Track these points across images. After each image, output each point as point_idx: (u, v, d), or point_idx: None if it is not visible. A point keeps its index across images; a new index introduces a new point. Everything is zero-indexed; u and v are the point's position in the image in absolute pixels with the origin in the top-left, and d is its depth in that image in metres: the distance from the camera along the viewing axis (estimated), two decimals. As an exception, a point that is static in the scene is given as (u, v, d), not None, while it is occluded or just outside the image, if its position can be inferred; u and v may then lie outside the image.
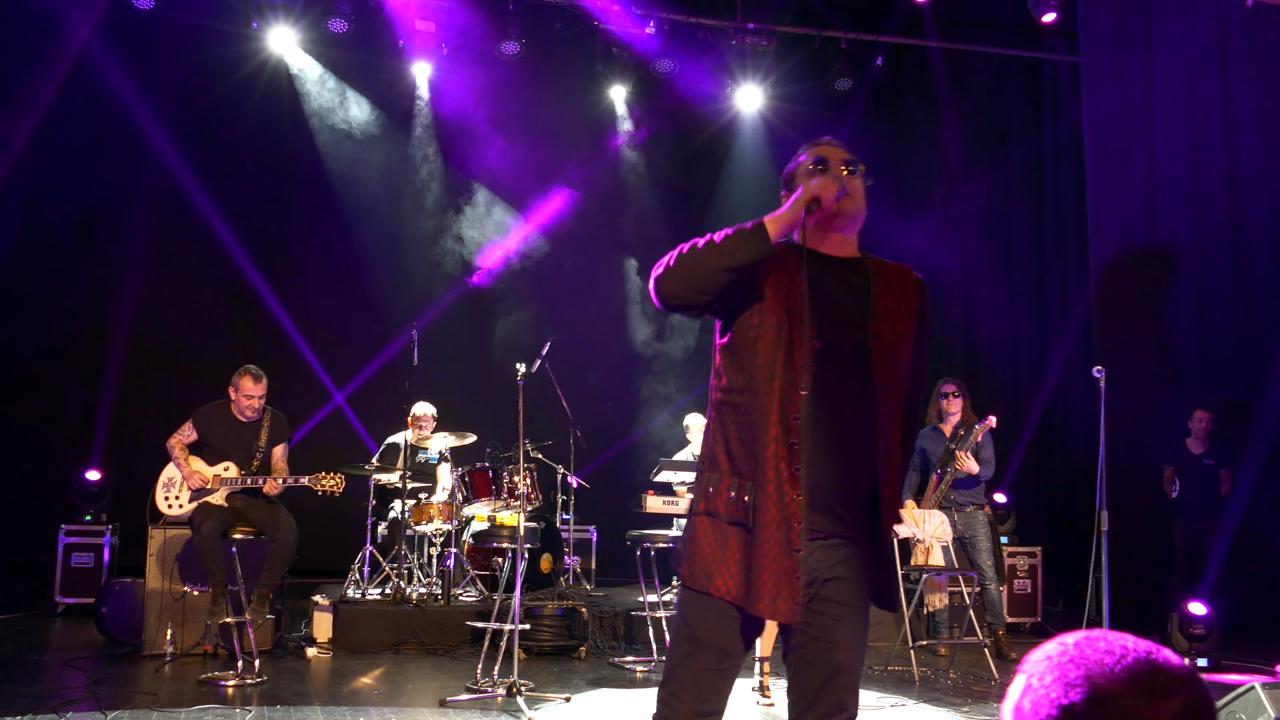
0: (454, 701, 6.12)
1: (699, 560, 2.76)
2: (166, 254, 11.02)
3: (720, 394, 2.83)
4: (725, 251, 2.67)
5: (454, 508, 8.56)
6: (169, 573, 7.35)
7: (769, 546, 2.66)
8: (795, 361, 2.72)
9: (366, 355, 11.36)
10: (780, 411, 2.70)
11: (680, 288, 2.72)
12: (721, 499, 2.76)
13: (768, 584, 2.65)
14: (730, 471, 2.76)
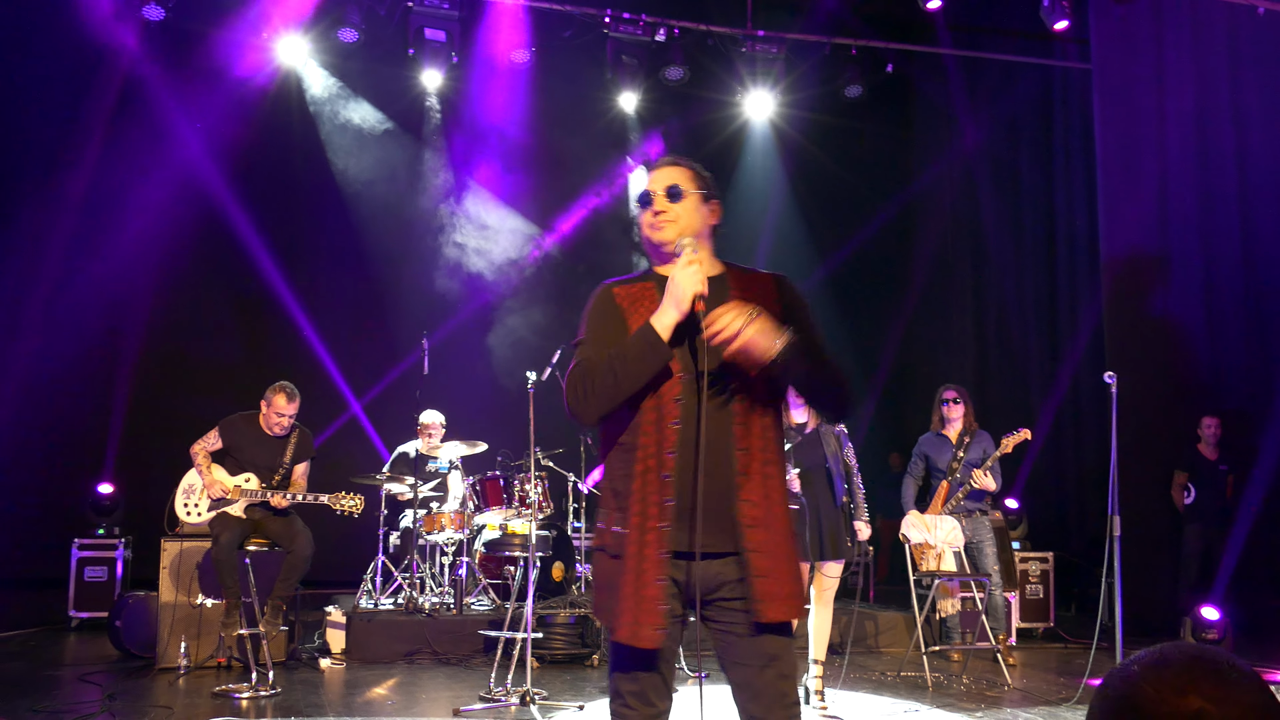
0: (468, 711, 6.13)
1: (600, 592, 2.93)
2: (178, 265, 11.07)
3: (608, 435, 2.94)
4: (637, 373, 2.81)
5: (466, 516, 8.58)
6: (183, 585, 7.37)
7: (629, 576, 2.79)
8: (664, 395, 2.84)
9: (380, 365, 11.40)
10: (655, 445, 2.83)
11: (604, 412, 2.86)
12: (608, 534, 2.89)
13: (627, 612, 2.78)
14: (614, 507, 2.89)
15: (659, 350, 2.80)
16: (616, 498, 2.89)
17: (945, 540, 7.77)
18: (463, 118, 12.11)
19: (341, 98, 11.73)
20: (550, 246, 12.21)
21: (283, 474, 7.36)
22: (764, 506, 2.87)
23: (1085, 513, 11.44)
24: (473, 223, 11.99)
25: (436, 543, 8.76)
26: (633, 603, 2.77)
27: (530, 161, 12.04)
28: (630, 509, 2.81)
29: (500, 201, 12.16)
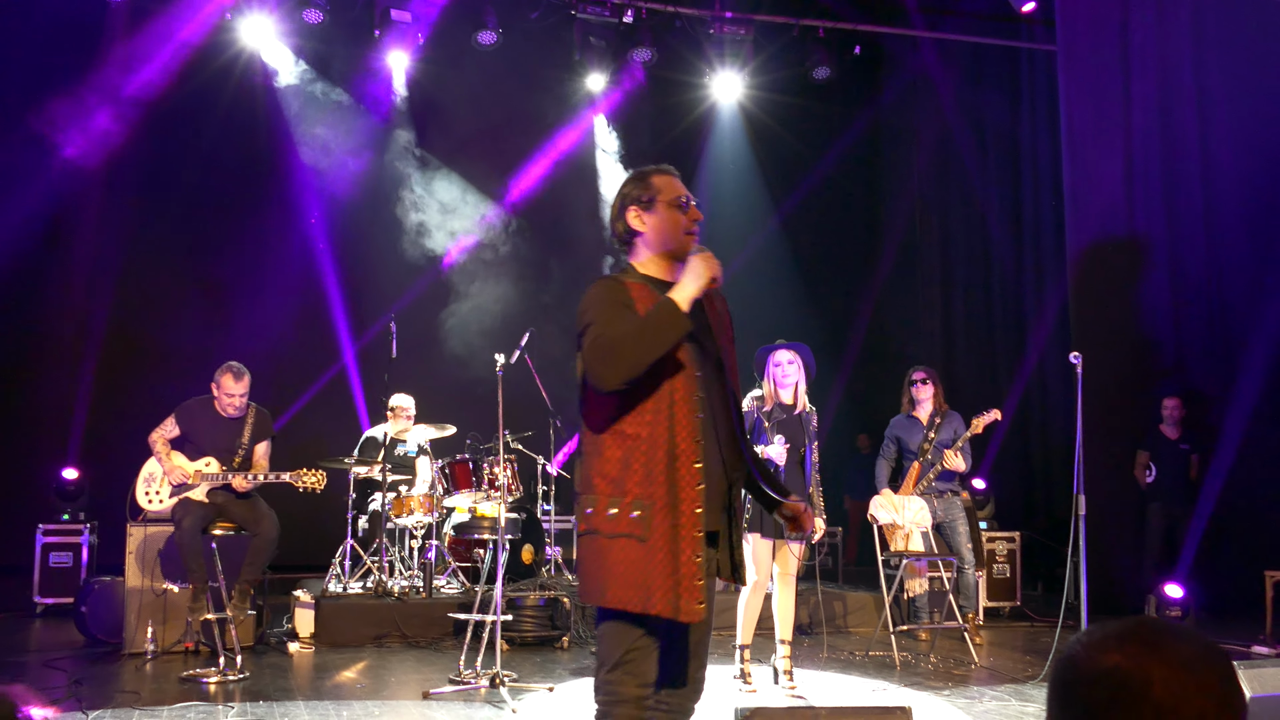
0: (437, 693, 6.12)
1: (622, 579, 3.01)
2: (141, 249, 10.97)
3: (614, 424, 3.10)
4: (662, 340, 3.01)
5: (435, 500, 8.55)
6: (148, 571, 7.31)
7: (663, 555, 3.00)
8: (685, 390, 3.10)
9: (344, 347, 11.35)
10: (684, 436, 3.06)
11: (628, 378, 3.00)
12: (622, 519, 3.03)
13: (666, 589, 2.99)
14: (636, 494, 3.04)
15: (680, 321, 3.02)
16: (631, 484, 3.04)
17: (913, 521, 7.81)
18: (429, 100, 12.03)
19: (307, 79, 11.63)
20: (516, 229, 12.16)
21: (243, 455, 7.31)
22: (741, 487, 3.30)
23: (1052, 492, 11.54)
24: (439, 204, 11.92)
25: (405, 526, 8.73)
26: (672, 580, 2.97)
27: (497, 143, 11.99)
28: (656, 494, 3.01)
29: (467, 183, 12.10)
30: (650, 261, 3.30)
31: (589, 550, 3.09)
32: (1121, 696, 1.33)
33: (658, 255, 3.29)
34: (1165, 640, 1.37)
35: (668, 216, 3.26)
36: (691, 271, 3.11)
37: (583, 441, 3.20)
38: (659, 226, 3.28)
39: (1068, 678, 1.40)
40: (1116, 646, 1.36)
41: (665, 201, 3.27)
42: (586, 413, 3.18)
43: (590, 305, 3.14)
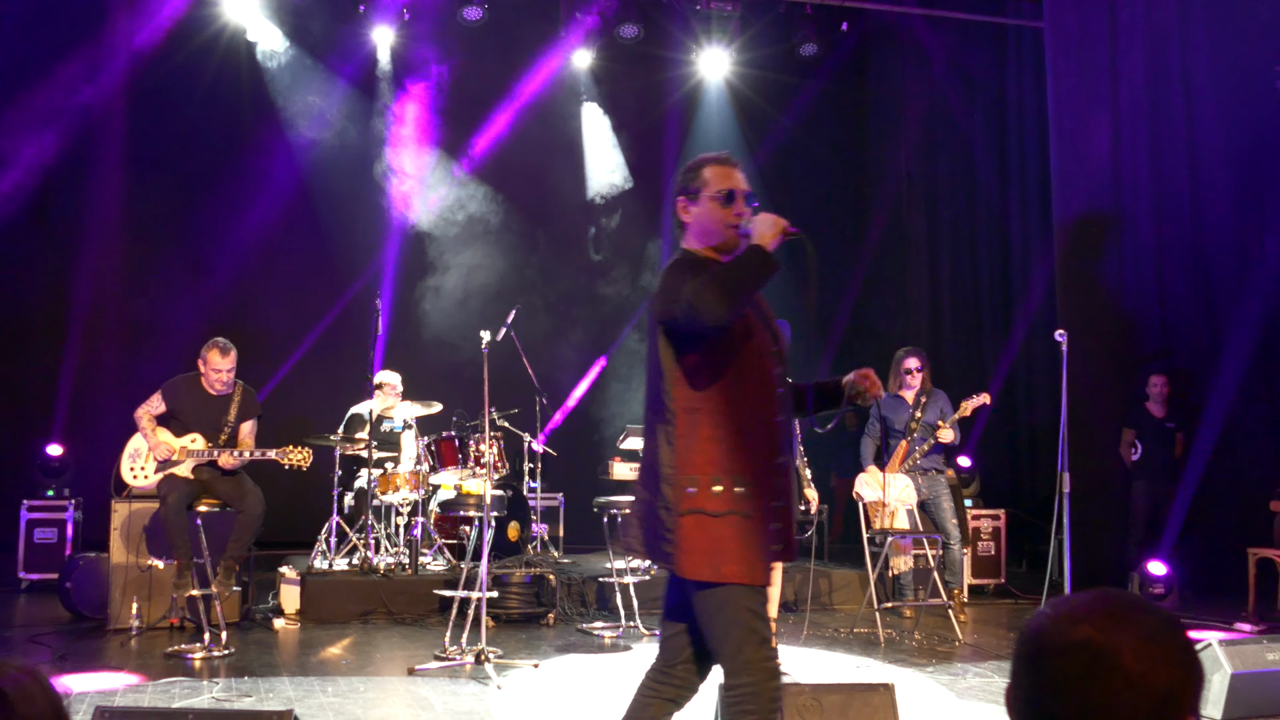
0: (422, 670, 6.14)
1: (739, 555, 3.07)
2: (126, 225, 10.91)
3: (705, 401, 3.15)
4: (761, 274, 3.10)
5: (421, 477, 8.55)
6: (133, 546, 7.30)
7: (761, 527, 3.11)
8: (767, 366, 3.22)
9: (331, 324, 11.30)
10: (766, 412, 3.18)
11: (732, 312, 3.03)
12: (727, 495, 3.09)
13: (764, 560, 3.12)
14: (737, 470, 3.10)
15: (771, 260, 3.11)
16: (731, 461, 3.10)
17: (898, 498, 7.84)
18: (414, 75, 11.95)
19: (291, 53, 11.55)
20: (500, 203, 12.11)
21: (229, 432, 7.28)
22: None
23: (1037, 470, 11.58)
24: (423, 179, 11.86)
25: (391, 503, 8.73)
26: (766, 552, 3.12)
27: (481, 119, 11.92)
28: (757, 469, 3.12)
29: (450, 157, 12.03)
30: (702, 251, 3.32)
31: (694, 529, 3.08)
32: (1094, 668, 1.36)
33: (704, 247, 3.32)
34: (1131, 613, 1.40)
35: (711, 210, 3.29)
36: (762, 226, 3.17)
37: (667, 422, 3.19)
38: (702, 220, 3.31)
39: (1036, 650, 1.42)
40: (1086, 619, 1.39)
41: (710, 195, 3.29)
42: (675, 393, 3.18)
43: (677, 274, 3.16)
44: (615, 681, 6.14)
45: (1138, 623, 1.38)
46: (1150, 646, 1.36)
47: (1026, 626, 1.46)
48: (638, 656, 6.87)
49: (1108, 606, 1.40)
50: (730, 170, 3.33)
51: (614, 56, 12.41)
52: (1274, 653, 5.37)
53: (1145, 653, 1.36)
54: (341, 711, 5.21)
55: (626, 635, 7.48)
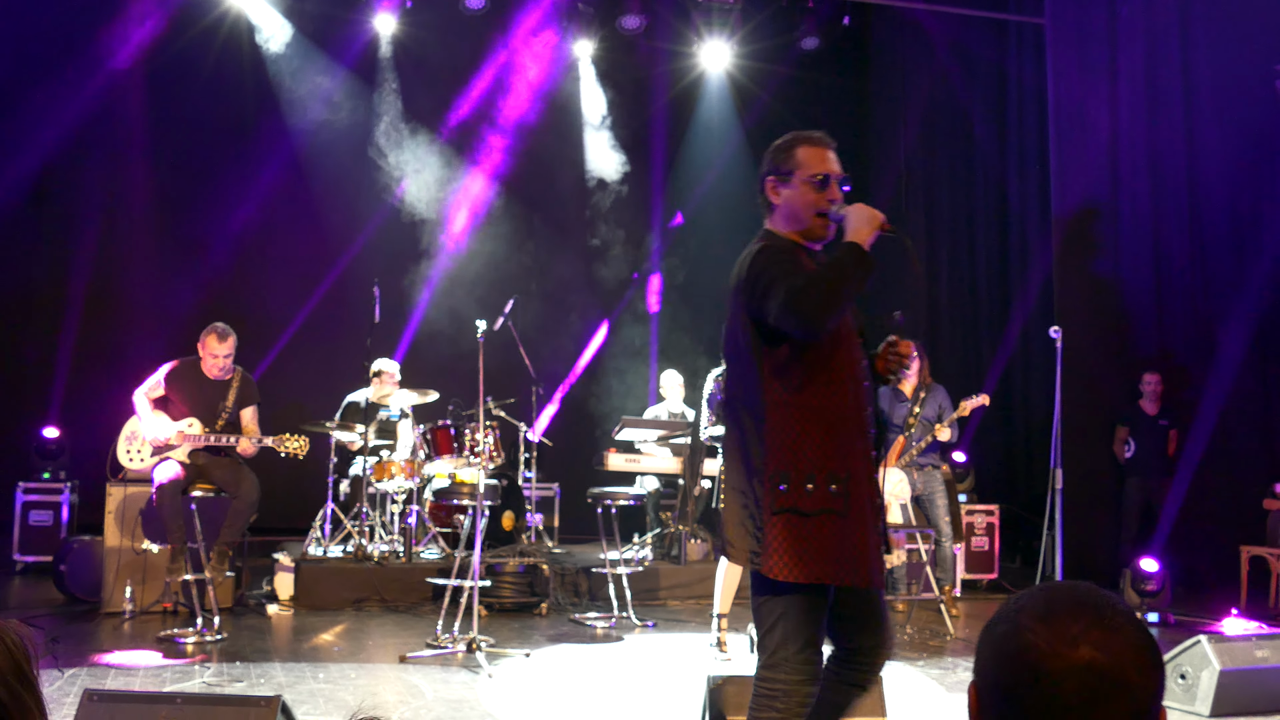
0: (414, 657, 6.15)
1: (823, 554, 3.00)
2: (125, 208, 10.91)
3: (795, 396, 3.07)
4: (860, 277, 3.00)
5: (416, 465, 8.56)
6: (128, 530, 7.32)
7: (863, 527, 3.04)
8: (855, 359, 3.15)
9: (329, 311, 11.31)
10: (856, 406, 3.11)
11: (834, 317, 2.97)
12: (821, 494, 3.02)
13: (868, 560, 3.04)
14: (831, 468, 3.03)
15: (869, 259, 3.02)
16: (822, 458, 3.03)
17: (892, 493, 7.85)
18: (415, 63, 11.94)
19: (292, 40, 11.53)
20: (501, 191, 12.11)
21: (226, 418, 7.28)
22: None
23: (1032, 466, 11.57)
24: (423, 166, 11.85)
25: (386, 491, 8.75)
26: (866, 551, 3.04)
27: (482, 107, 11.91)
28: (850, 466, 3.04)
29: (450, 146, 12.02)
30: (788, 235, 3.25)
31: (786, 528, 3.00)
32: (1101, 690, 1.30)
33: (790, 230, 3.25)
34: (1121, 623, 1.34)
35: (802, 194, 3.20)
36: (857, 218, 3.10)
37: (755, 416, 3.10)
38: (792, 203, 3.23)
39: (1033, 676, 1.32)
40: (1083, 638, 1.31)
41: (803, 178, 3.21)
42: (766, 386, 3.09)
43: (764, 268, 3.08)
44: (607, 672, 6.16)
45: (1127, 633, 1.33)
46: (1143, 655, 1.33)
47: (1009, 650, 1.35)
48: (630, 647, 6.89)
49: (1093, 617, 1.33)
50: (825, 152, 3.26)
51: (616, 47, 12.40)
52: (1263, 650, 5.39)
53: (1141, 663, 1.32)
54: (332, 698, 5.23)
55: (619, 626, 7.50)
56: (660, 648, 6.92)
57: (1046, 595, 1.39)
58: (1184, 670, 5.33)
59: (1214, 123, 9.69)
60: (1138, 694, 1.32)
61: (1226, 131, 9.60)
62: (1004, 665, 1.35)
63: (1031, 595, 1.40)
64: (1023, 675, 1.32)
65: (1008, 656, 1.34)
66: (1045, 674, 1.31)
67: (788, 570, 2.99)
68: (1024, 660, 1.32)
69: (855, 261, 2.98)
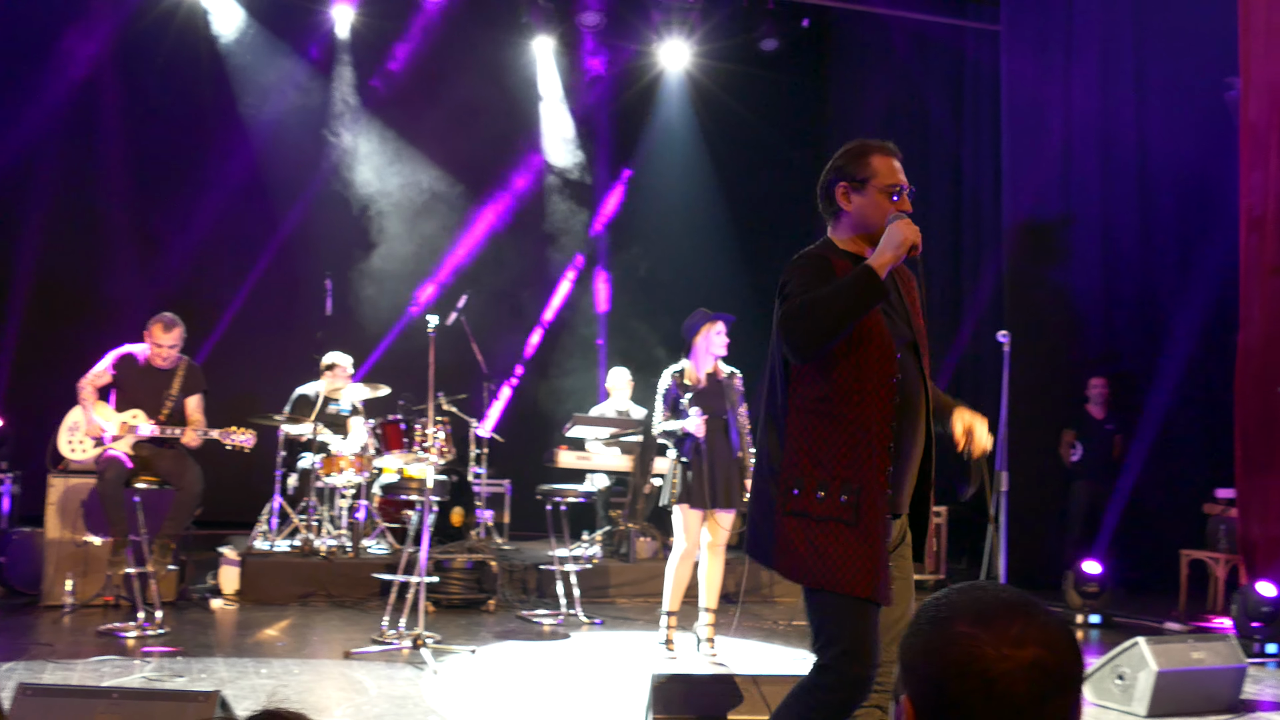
0: (359, 653, 6.12)
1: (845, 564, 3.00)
2: (71, 196, 10.76)
3: (819, 403, 3.07)
4: (858, 307, 2.95)
5: (365, 460, 8.51)
6: (69, 522, 7.23)
7: (868, 538, 3.00)
8: (885, 372, 3.07)
9: (279, 303, 11.22)
10: (879, 417, 3.04)
11: (825, 345, 2.97)
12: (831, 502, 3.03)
13: (869, 573, 2.99)
14: (845, 477, 3.02)
15: (876, 286, 2.94)
16: (838, 466, 3.02)
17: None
18: (373, 55, 11.86)
19: (248, 30, 11.41)
20: (458, 186, 12.05)
21: (171, 408, 7.20)
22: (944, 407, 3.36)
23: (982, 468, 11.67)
24: (379, 161, 11.77)
25: (335, 485, 8.69)
26: (873, 564, 2.98)
27: (439, 100, 11.84)
28: (864, 477, 3.01)
29: (406, 139, 11.95)
30: (852, 241, 3.22)
31: (795, 531, 3.04)
32: (1050, 687, 1.31)
33: (857, 237, 3.22)
34: (1048, 617, 1.35)
35: (877, 203, 3.18)
36: (889, 238, 3.04)
37: (779, 420, 3.13)
38: (865, 211, 3.19)
39: (981, 682, 1.31)
40: (1026, 639, 1.31)
41: (879, 187, 3.19)
42: (790, 390, 3.12)
43: (790, 278, 3.08)
44: (552, 669, 6.15)
45: (1056, 625, 1.35)
46: (1074, 644, 1.35)
47: (952, 657, 1.33)
48: (577, 645, 6.89)
49: (1026, 615, 1.34)
50: (895, 162, 3.25)
51: (575, 43, 12.38)
52: (1199, 652, 5.47)
53: (1076, 652, 1.35)
54: (274, 693, 5.18)
55: (567, 623, 7.49)
56: (607, 645, 6.92)
57: (972, 600, 1.38)
58: (1122, 671, 5.39)
59: (1165, 132, 9.81)
60: (1078, 684, 1.34)
61: (1177, 140, 9.72)
62: (949, 675, 1.33)
63: (953, 603, 1.39)
64: (973, 683, 1.31)
65: (953, 666, 1.33)
66: (996, 678, 1.30)
67: (797, 572, 3.04)
68: (973, 668, 1.31)
69: (863, 287, 2.95)
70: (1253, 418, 7.74)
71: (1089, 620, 8.03)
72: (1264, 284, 7.78)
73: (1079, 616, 8.04)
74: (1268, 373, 7.66)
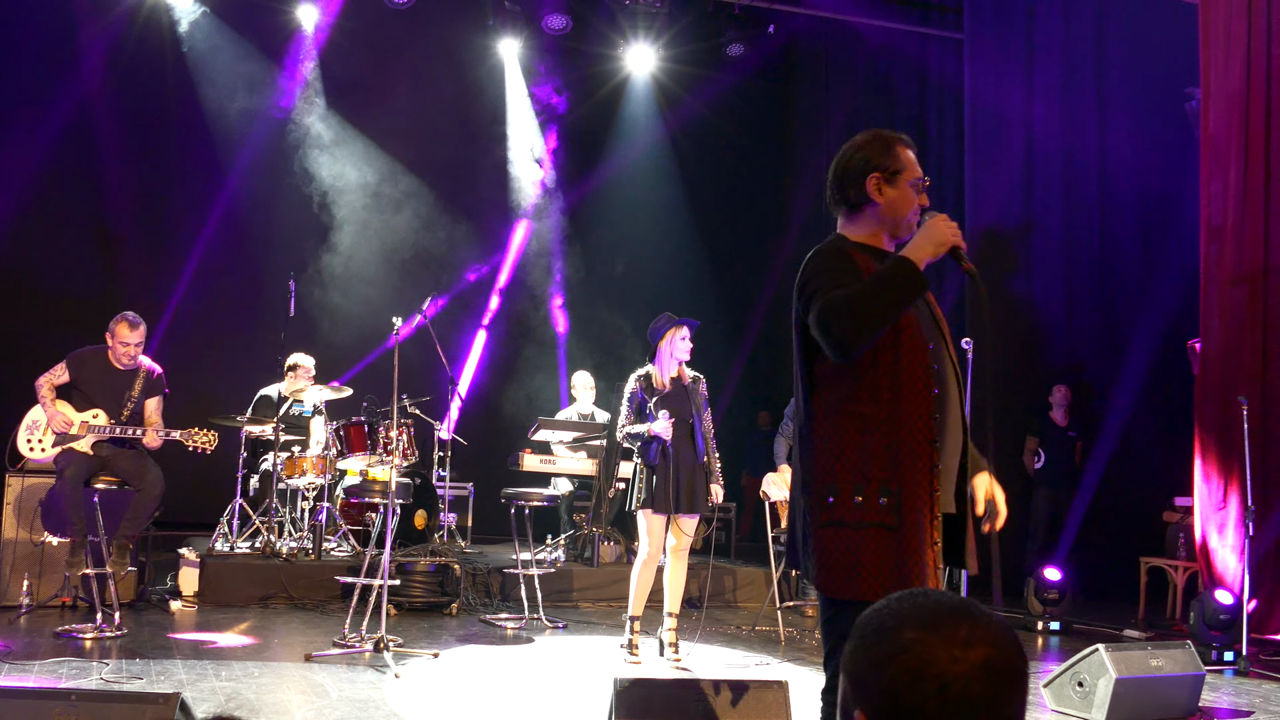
0: (320, 656, 6.07)
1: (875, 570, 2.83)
2: (34, 193, 10.64)
3: (849, 404, 2.92)
4: (902, 300, 2.82)
5: (328, 461, 8.45)
6: (26, 522, 7.14)
7: (916, 544, 2.83)
8: (920, 364, 2.92)
9: (242, 304, 11.15)
10: (920, 414, 2.88)
11: (868, 339, 2.81)
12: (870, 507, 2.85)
13: (919, 579, 2.81)
14: (881, 479, 2.85)
15: (918, 279, 2.82)
16: (875, 469, 2.85)
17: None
18: (339, 56, 11.81)
19: (213, 30, 11.32)
20: (423, 189, 12.02)
21: (131, 408, 7.14)
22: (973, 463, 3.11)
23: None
24: (344, 160, 11.71)
25: (297, 487, 8.62)
26: (921, 569, 2.81)
27: (405, 103, 11.80)
28: (902, 478, 2.84)
29: (372, 141, 11.91)
30: (871, 234, 3.11)
31: (834, 541, 2.87)
32: (1000, 685, 1.33)
33: (881, 230, 3.10)
34: (991, 617, 1.37)
35: (906, 195, 3.07)
36: (930, 231, 2.92)
37: (809, 426, 2.98)
38: (896, 204, 3.07)
39: (936, 686, 1.32)
40: (975, 639, 1.33)
41: (910, 180, 3.09)
42: (815, 396, 2.98)
43: (814, 275, 2.94)
44: (515, 673, 6.13)
45: (999, 625, 1.36)
46: (1018, 642, 1.37)
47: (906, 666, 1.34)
48: (539, 649, 6.87)
49: (970, 617, 1.36)
50: (915, 156, 3.15)
51: (541, 46, 12.38)
52: (1158, 659, 5.51)
53: (1020, 650, 1.37)
54: (234, 696, 5.14)
55: (529, 627, 7.47)
56: (570, 650, 6.90)
57: (914, 606, 1.39)
58: (1081, 678, 5.43)
59: (1126, 142, 9.91)
60: (1025, 679, 1.36)
61: (1138, 150, 9.83)
62: (902, 683, 1.34)
63: (897, 612, 1.40)
64: (927, 688, 1.32)
65: (906, 674, 1.34)
66: (950, 681, 1.32)
67: (834, 586, 2.88)
68: (926, 673, 1.32)
69: (905, 280, 2.82)
70: (1212, 426, 7.83)
71: (1049, 627, 8.09)
72: (1224, 293, 7.88)
73: (1039, 624, 8.10)
74: (1227, 381, 7.75)
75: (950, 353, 3.05)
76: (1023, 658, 1.37)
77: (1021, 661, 1.36)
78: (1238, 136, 7.89)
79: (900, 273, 2.83)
